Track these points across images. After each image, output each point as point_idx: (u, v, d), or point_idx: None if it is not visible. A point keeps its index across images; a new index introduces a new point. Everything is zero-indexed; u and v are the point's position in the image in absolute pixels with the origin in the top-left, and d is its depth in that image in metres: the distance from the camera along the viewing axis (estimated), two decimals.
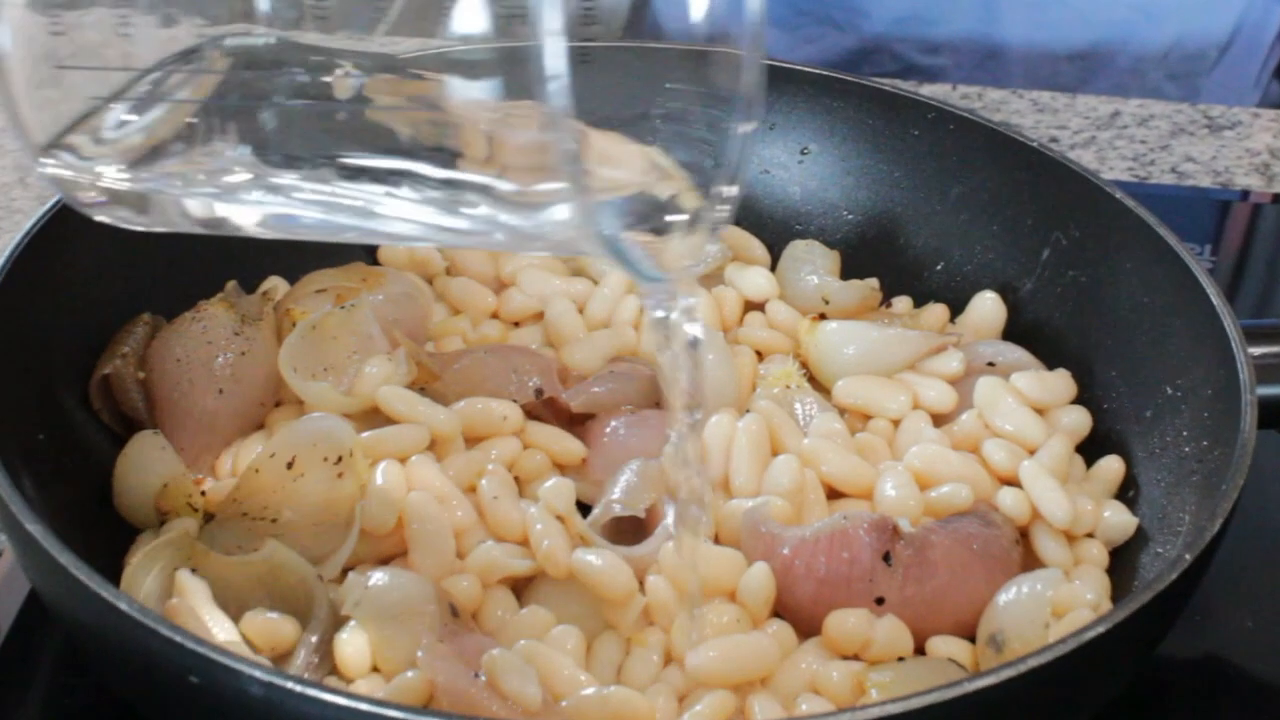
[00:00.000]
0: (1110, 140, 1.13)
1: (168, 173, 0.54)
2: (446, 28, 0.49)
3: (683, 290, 0.56)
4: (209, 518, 0.70)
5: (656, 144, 0.56)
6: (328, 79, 0.52)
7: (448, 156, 0.50)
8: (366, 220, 0.53)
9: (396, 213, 0.52)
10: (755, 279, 0.83)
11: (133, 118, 0.55)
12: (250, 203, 0.54)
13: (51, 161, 0.54)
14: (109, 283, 0.75)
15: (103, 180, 0.55)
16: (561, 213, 0.48)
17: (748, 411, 0.74)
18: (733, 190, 0.55)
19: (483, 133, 0.49)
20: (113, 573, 0.66)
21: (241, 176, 0.53)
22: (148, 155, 0.54)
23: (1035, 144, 0.83)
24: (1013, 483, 0.72)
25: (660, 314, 0.56)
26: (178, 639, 0.53)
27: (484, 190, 0.49)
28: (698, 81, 0.55)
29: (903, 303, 0.84)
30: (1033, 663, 0.55)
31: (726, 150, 0.55)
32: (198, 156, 0.54)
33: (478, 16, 0.48)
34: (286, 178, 0.53)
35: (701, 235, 0.55)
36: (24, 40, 0.53)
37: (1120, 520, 0.71)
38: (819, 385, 0.78)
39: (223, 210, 0.55)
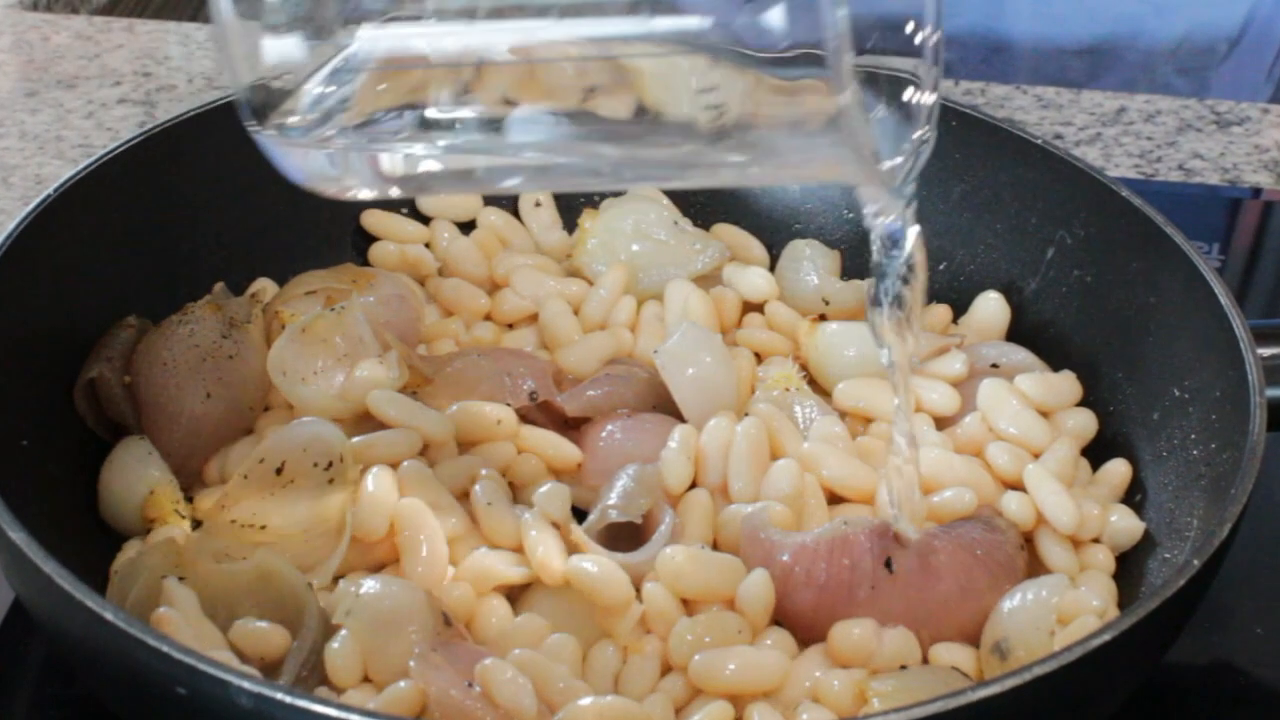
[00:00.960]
0: (1116, 137, 1.12)
1: (379, 132, 0.56)
2: None
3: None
4: (196, 525, 0.70)
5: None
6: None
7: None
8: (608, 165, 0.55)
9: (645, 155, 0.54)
10: (754, 279, 0.82)
11: (340, 82, 0.56)
12: (460, 155, 0.56)
13: (256, 123, 0.56)
14: (94, 284, 0.75)
15: (307, 140, 0.56)
16: (833, 139, 0.50)
17: (746, 415, 0.73)
18: (935, 71, 0.58)
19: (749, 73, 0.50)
20: (98, 582, 0.66)
21: (453, 130, 0.55)
22: (358, 116, 0.56)
23: (1039, 141, 0.82)
24: (1017, 487, 0.71)
25: (893, 224, 0.60)
26: (165, 649, 0.53)
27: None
28: None
29: None
30: (1038, 671, 0.54)
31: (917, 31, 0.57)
32: (408, 116, 0.55)
33: None
34: (511, 134, 0.54)
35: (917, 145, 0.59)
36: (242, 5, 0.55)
37: (1127, 525, 0.70)
38: (819, 388, 0.78)
39: (428, 166, 0.56)
